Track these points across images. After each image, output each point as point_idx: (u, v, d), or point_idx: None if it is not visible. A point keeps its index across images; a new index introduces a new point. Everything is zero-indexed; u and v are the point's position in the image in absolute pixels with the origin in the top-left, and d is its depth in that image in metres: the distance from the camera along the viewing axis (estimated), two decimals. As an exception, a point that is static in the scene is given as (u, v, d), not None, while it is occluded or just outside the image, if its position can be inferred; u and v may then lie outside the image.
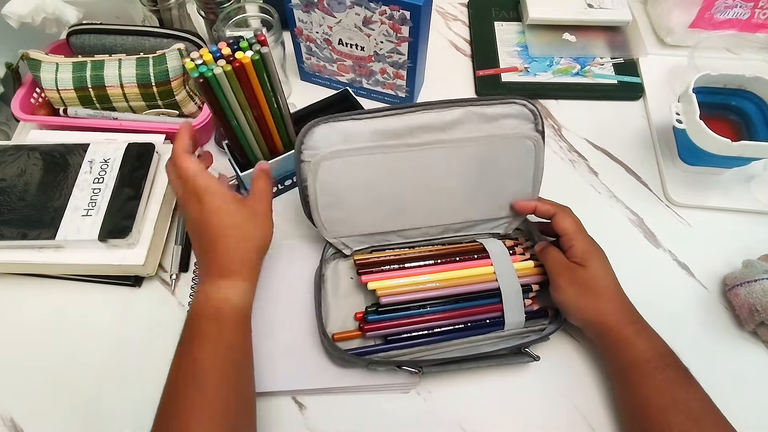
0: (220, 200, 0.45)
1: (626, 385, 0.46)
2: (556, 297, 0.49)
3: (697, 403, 0.43)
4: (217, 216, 0.45)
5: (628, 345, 0.46)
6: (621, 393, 0.47)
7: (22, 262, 0.54)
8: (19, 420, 0.49)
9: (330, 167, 0.49)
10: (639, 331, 0.46)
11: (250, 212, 0.46)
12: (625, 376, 0.46)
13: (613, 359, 0.47)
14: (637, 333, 0.46)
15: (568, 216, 0.51)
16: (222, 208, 0.45)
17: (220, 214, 0.45)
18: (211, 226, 0.45)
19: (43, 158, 0.58)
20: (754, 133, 0.60)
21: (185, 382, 0.41)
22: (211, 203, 0.45)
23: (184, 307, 0.55)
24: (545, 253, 0.51)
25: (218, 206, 0.45)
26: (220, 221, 0.45)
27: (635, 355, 0.45)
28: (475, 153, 0.51)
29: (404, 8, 0.56)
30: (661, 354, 0.45)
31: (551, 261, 0.50)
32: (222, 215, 0.45)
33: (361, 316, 0.51)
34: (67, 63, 0.62)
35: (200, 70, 0.45)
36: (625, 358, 0.46)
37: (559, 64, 0.74)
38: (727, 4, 0.71)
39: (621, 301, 0.48)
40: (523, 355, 0.49)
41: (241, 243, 0.45)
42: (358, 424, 0.49)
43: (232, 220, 0.45)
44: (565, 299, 0.48)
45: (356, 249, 0.54)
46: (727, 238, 0.59)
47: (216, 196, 0.45)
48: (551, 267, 0.50)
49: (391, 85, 0.68)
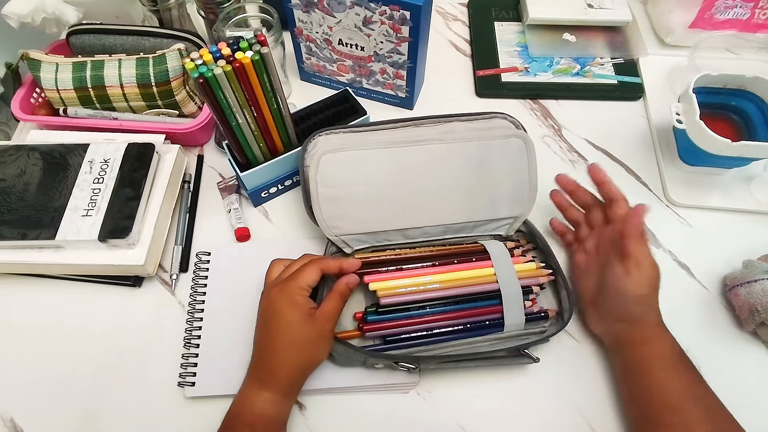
0: (299, 315, 0.45)
1: (643, 376, 0.46)
2: (620, 275, 0.47)
3: (712, 399, 0.44)
4: (290, 329, 0.45)
5: (659, 336, 0.47)
6: (636, 385, 0.47)
7: (22, 262, 0.54)
8: (19, 420, 0.49)
9: (332, 159, 0.51)
10: (664, 327, 0.48)
11: (318, 333, 0.45)
12: (646, 367, 0.46)
13: (636, 349, 0.47)
14: (664, 328, 0.48)
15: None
16: (297, 324, 0.44)
17: (292, 328, 0.45)
18: (277, 336, 0.45)
19: (43, 158, 0.58)
20: (754, 133, 0.60)
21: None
22: (288, 314, 0.45)
23: (184, 307, 0.55)
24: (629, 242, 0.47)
25: (295, 321, 0.45)
26: (290, 336, 0.45)
27: (662, 346, 0.46)
28: (471, 151, 0.53)
29: (404, 8, 0.56)
30: (680, 351, 0.46)
31: (632, 254, 0.48)
32: (294, 331, 0.45)
33: (361, 316, 0.51)
34: (67, 63, 0.62)
35: (200, 70, 0.45)
36: (651, 349, 0.46)
37: (559, 64, 0.74)
38: (727, 4, 0.71)
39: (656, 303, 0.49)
40: (522, 357, 0.49)
41: (299, 363, 0.45)
42: (358, 424, 0.49)
43: (300, 337, 0.45)
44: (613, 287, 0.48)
45: (357, 248, 0.54)
46: (727, 238, 0.59)
47: (295, 308, 0.45)
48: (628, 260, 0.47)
49: (391, 85, 0.68)
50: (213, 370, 0.51)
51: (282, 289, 0.46)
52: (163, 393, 0.50)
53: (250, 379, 0.46)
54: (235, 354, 0.50)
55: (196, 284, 0.56)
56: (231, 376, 0.49)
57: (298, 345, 0.45)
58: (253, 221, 0.61)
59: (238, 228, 0.59)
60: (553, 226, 0.59)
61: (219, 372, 0.50)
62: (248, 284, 0.54)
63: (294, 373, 0.46)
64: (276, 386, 0.45)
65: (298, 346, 0.45)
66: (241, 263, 0.57)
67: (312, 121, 0.62)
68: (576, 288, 0.53)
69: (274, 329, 0.45)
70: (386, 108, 0.71)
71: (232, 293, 0.55)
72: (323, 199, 0.52)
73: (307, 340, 0.45)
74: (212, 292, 0.55)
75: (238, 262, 0.57)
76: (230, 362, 0.50)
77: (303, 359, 0.45)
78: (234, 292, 0.54)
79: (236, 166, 0.57)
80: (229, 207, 0.61)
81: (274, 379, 0.45)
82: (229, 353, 0.51)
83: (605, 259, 0.50)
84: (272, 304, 0.46)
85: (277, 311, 0.45)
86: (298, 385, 0.46)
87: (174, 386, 0.50)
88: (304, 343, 0.45)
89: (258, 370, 0.46)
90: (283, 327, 0.45)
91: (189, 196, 0.62)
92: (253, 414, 0.44)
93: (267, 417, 0.44)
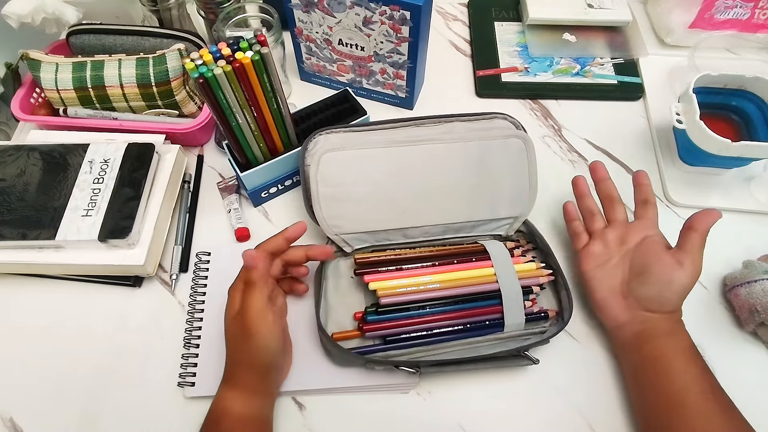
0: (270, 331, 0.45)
1: (666, 368, 0.46)
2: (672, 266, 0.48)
3: (728, 397, 0.44)
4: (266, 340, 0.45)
5: (682, 330, 0.48)
6: (655, 379, 0.46)
7: (22, 263, 0.54)
8: (19, 420, 0.49)
9: (332, 158, 0.51)
10: (683, 323, 0.49)
11: (241, 328, 0.46)
12: (668, 359, 0.46)
13: (661, 340, 0.47)
14: (683, 324, 0.49)
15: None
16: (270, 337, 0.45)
17: (226, 328, 0.47)
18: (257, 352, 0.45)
19: (43, 158, 0.58)
20: (754, 133, 0.60)
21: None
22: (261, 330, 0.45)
23: (184, 307, 0.55)
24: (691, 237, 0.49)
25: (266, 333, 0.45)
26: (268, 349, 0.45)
27: (685, 340, 0.47)
28: (471, 150, 0.53)
29: (404, 8, 0.56)
30: (696, 347, 0.47)
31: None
32: (226, 330, 0.47)
33: (361, 316, 0.51)
34: (66, 63, 0.62)
35: (200, 70, 0.45)
36: (675, 341, 0.47)
37: (559, 64, 0.74)
38: (727, 4, 0.71)
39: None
40: (522, 358, 0.49)
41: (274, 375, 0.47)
42: (358, 424, 0.49)
43: (228, 334, 0.47)
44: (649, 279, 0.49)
45: (357, 247, 0.54)
46: (727, 238, 0.59)
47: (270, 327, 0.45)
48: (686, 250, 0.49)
49: (391, 85, 0.68)
50: (213, 370, 0.50)
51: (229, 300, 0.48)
52: (163, 393, 0.50)
53: (221, 382, 0.47)
54: (235, 354, 0.50)
55: (196, 284, 0.56)
56: (231, 376, 0.49)
57: (231, 343, 0.47)
58: (253, 221, 0.61)
59: (238, 228, 0.59)
60: (565, 209, 0.57)
61: (219, 372, 0.50)
62: (248, 284, 0.54)
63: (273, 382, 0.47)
64: (238, 385, 0.45)
65: (231, 344, 0.46)
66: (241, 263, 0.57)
67: (312, 121, 0.62)
68: (589, 281, 0.52)
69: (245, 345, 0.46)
70: (386, 108, 0.71)
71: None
72: (323, 199, 0.52)
73: (234, 335, 0.46)
74: (212, 292, 0.55)
75: (238, 262, 0.57)
76: (230, 362, 0.50)
77: (242, 355, 0.46)
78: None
79: (236, 166, 0.57)
80: (229, 207, 0.61)
81: (234, 377, 0.46)
82: (229, 353, 0.51)
83: (644, 250, 0.50)
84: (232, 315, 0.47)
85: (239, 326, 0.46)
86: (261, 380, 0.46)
87: (174, 386, 0.50)
88: (232, 339, 0.46)
89: (225, 371, 0.47)
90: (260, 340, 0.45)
91: (189, 196, 0.62)
92: (224, 412, 0.44)
93: (236, 414, 0.44)
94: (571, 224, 0.56)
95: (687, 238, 0.48)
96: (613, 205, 0.54)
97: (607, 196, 0.55)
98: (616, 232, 0.52)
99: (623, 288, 0.50)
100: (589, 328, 0.54)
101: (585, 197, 0.56)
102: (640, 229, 0.52)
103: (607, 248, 0.52)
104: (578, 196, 0.57)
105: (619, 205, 0.54)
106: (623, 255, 0.51)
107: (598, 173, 0.56)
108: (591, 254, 0.52)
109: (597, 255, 0.52)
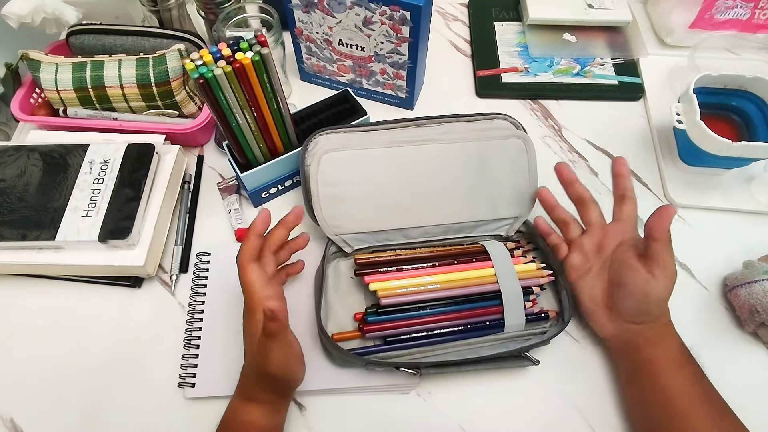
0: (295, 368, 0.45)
1: (654, 377, 0.45)
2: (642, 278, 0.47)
3: (721, 401, 0.44)
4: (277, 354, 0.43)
5: (671, 337, 0.47)
6: (647, 387, 0.46)
7: (22, 263, 0.54)
8: (19, 420, 0.49)
9: (332, 159, 0.52)
10: (674, 327, 0.48)
11: (299, 356, 0.45)
12: (657, 367, 0.46)
13: (648, 350, 0.47)
14: (673, 328, 0.48)
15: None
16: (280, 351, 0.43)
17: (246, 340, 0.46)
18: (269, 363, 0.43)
19: (43, 159, 0.58)
20: (755, 133, 0.60)
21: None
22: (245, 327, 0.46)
23: (184, 307, 0.55)
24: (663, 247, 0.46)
25: (294, 372, 0.45)
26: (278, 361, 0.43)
27: (674, 347, 0.46)
28: (471, 151, 0.53)
29: (404, 8, 0.56)
30: (688, 353, 0.46)
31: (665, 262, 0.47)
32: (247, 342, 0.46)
33: (361, 316, 0.51)
34: (66, 63, 0.62)
35: (200, 70, 0.45)
36: (663, 350, 0.46)
37: (559, 64, 0.74)
38: (728, 5, 0.71)
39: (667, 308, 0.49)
40: (522, 359, 0.49)
41: (285, 385, 0.45)
42: (358, 424, 0.49)
43: (286, 361, 0.44)
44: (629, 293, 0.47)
45: (357, 248, 0.54)
46: (727, 238, 0.59)
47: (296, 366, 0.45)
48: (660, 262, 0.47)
49: (392, 85, 0.68)
50: (213, 370, 0.51)
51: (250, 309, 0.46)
52: (163, 393, 0.50)
53: (237, 390, 0.46)
54: (235, 355, 0.50)
55: (196, 285, 0.56)
56: (231, 377, 0.49)
57: (287, 368, 0.44)
58: (253, 222, 0.61)
59: (238, 228, 0.59)
60: (537, 226, 0.55)
61: (219, 373, 0.50)
62: (248, 285, 0.54)
63: (285, 392, 0.46)
64: (255, 399, 0.44)
65: (286, 369, 0.44)
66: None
67: (312, 121, 0.62)
68: (576, 291, 0.51)
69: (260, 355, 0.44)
70: (386, 108, 0.71)
71: (232, 294, 0.54)
72: (324, 199, 0.52)
73: (294, 362, 0.44)
74: (212, 292, 0.55)
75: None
76: (230, 363, 0.50)
77: (288, 380, 0.45)
78: (234, 293, 0.54)
79: (236, 167, 0.57)
80: (229, 207, 0.61)
81: (252, 390, 0.45)
82: (229, 354, 0.51)
83: (618, 259, 0.49)
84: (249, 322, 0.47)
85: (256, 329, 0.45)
86: (282, 393, 0.46)
87: (174, 386, 0.50)
88: (253, 353, 0.44)
89: (248, 388, 0.45)
90: (273, 353, 0.43)
91: (189, 197, 0.62)
92: (243, 424, 0.44)
93: (257, 427, 0.44)
94: (547, 239, 0.54)
95: (652, 249, 0.46)
96: (586, 208, 0.51)
97: (578, 199, 0.52)
98: (592, 239, 0.51)
99: (606, 299, 0.50)
100: (590, 329, 0.53)
101: (554, 209, 0.53)
102: (615, 234, 0.50)
103: (586, 257, 0.51)
104: (547, 209, 0.54)
105: (593, 206, 0.51)
106: (602, 263, 0.50)
107: (565, 176, 0.52)
108: (571, 266, 0.51)
109: (577, 266, 0.51)
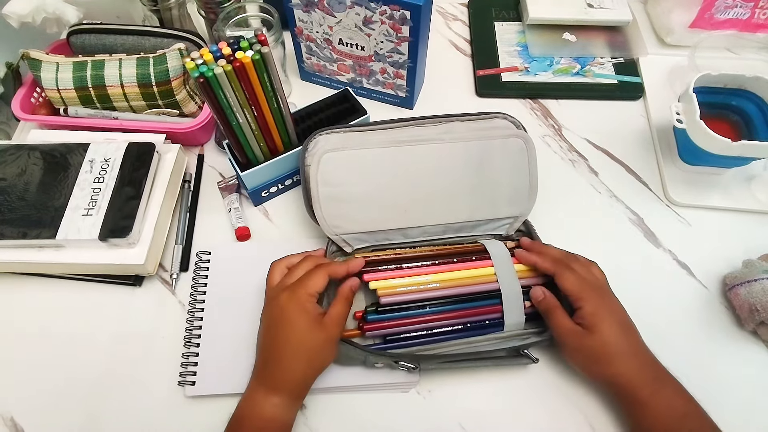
0: (309, 322, 0.45)
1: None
2: (566, 360, 0.49)
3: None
4: (301, 336, 0.44)
5: (645, 408, 0.43)
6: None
7: (23, 262, 0.54)
8: (19, 420, 0.49)
9: (332, 158, 0.52)
10: (656, 392, 0.43)
11: (327, 339, 0.45)
12: (655, 423, 0.43)
13: (631, 422, 0.46)
14: (654, 395, 0.43)
15: (571, 275, 0.47)
16: (307, 331, 0.44)
17: (303, 335, 0.45)
18: (287, 343, 0.45)
19: (44, 158, 0.58)
20: (755, 133, 0.60)
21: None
22: (298, 322, 0.45)
23: (184, 306, 0.55)
24: (549, 316, 0.47)
25: (305, 328, 0.45)
26: (301, 343, 0.44)
27: (653, 419, 0.43)
28: (471, 150, 0.53)
29: (404, 8, 0.56)
30: (682, 415, 0.43)
31: (555, 327, 0.47)
32: (305, 337, 0.45)
33: (361, 315, 0.51)
34: (67, 63, 0.62)
35: (200, 69, 0.45)
36: (642, 423, 0.43)
37: (559, 63, 0.74)
38: (728, 4, 0.71)
39: (638, 361, 0.45)
40: (521, 357, 0.49)
41: (308, 369, 0.45)
42: (358, 423, 0.49)
43: (311, 344, 0.45)
44: (574, 365, 0.48)
45: (357, 247, 0.54)
46: (727, 237, 0.59)
47: (306, 316, 0.45)
48: (556, 333, 0.47)
49: (392, 84, 0.68)
50: (213, 369, 0.51)
51: (291, 296, 0.46)
52: (163, 392, 0.50)
53: (257, 383, 0.46)
54: (235, 353, 0.50)
55: (197, 283, 0.56)
56: (231, 375, 0.49)
57: (308, 351, 0.45)
58: (253, 221, 0.61)
59: (238, 227, 0.59)
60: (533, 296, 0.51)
61: (219, 371, 0.50)
62: (248, 284, 0.54)
63: (304, 378, 0.46)
64: (285, 391, 0.45)
65: (309, 352, 0.45)
66: (241, 263, 0.57)
67: (312, 120, 0.62)
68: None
69: (284, 336, 0.45)
70: (386, 108, 0.71)
71: (233, 292, 0.55)
72: (324, 198, 0.52)
73: (317, 346, 0.45)
74: (212, 291, 0.55)
75: (238, 261, 0.57)
76: (231, 361, 0.50)
77: (313, 364, 0.46)
78: (234, 292, 0.55)
79: (236, 166, 0.57)
80: (229, 206, 0.61)
81: (284, 384, 0.45)
82: (230, 352, 0.51)
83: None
84: (282, 312, 0.46)
85: (287, 318, 0.45)
86: (307, 388, 0.46)
87: (174, 385, 0.50)
88: (314, 349, 0.45)
89: (265, 375, 0.46)
90: (294, 334, 0.45)
91: (189, 196, 0.63)
92: (262, 418, 0.44)
93: (277, 421, 0.44)
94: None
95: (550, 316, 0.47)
96: (551, 267, 0.49)
97: (538, 266, 0.51)
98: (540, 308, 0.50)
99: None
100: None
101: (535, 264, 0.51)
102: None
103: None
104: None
105: (550, 263, 0.49)
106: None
107: (524, 260, 0.52)
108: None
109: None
